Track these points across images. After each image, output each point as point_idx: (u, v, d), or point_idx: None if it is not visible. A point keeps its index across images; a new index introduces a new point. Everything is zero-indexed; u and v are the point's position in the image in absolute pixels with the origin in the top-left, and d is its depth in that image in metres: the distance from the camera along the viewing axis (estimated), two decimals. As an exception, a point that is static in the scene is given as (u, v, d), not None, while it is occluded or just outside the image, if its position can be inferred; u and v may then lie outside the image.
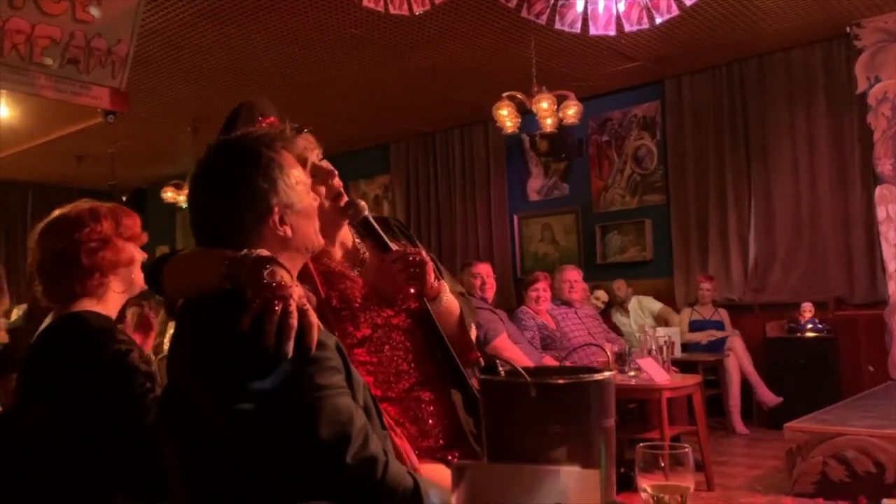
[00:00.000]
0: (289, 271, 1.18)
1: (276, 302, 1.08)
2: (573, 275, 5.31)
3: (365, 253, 1.63)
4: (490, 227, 8.28)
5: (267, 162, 1.25)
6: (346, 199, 1.55)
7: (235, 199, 1.23)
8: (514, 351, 4.10)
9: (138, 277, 1.72)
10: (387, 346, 1.53)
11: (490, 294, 4.67)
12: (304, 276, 1.49)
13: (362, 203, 1.56)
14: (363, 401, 1.17)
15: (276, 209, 1.24)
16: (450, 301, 1.62)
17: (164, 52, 5.81)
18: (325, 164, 1.56)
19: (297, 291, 1.13)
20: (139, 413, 1.55)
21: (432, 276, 1.54)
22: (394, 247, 1.56)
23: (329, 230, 1.55)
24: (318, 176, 1.51)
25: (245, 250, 1.18)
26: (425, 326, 1.59)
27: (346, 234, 1.64)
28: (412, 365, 1.54)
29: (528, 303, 5.02)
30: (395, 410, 1.48)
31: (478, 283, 4.61)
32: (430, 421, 1.52)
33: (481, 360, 1.14)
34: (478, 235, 8.35)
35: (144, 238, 1.78)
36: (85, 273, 1.66)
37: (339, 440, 1.05)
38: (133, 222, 1.76)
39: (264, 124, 1.55)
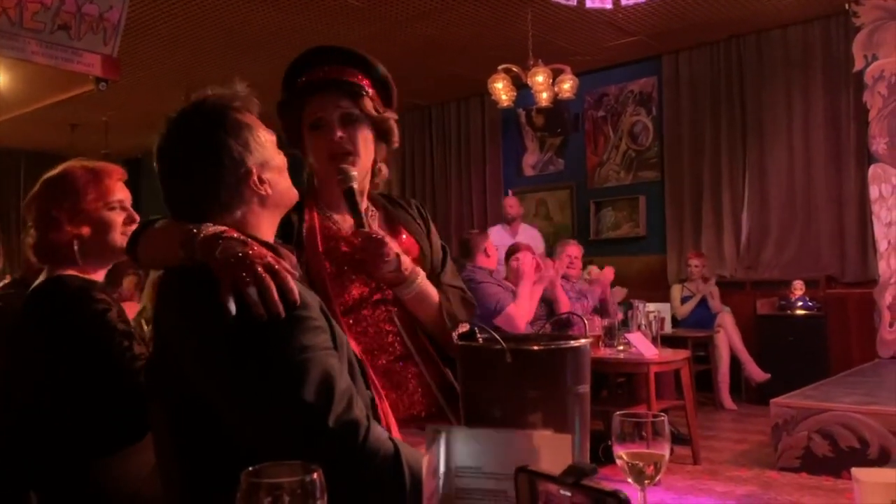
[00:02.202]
0: (241, 239, 1.15)
1: (242, 275, 1.07)
2: (574, 250, 5.27)
3: (377, 227, 1.62)
4: (485, 201, 8.28)
5: (234, 123, 1.25)
6: (342, 159, 1.55)
7: (214, 165, 1.22)
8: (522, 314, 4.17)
9: (120, 240, 1.72)
10: (374, 317, 1.54)
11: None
12: (309, 235, 1.52)
13: (353, 173, 1.54)
14: (347, 359, 1.18)
15: (254, 169, 1.24)
16: (423, 291, 1.57)
17: (157, 19, 5.75)
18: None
19: (258, 252, 1.12)
20: (119, 370, 1.57)
21: (392, 262, 1.50)
22: (379, 230, 1.55)
23: (336, 189, 1.56)
24: (321, 128, 1.56)
25: (194, 229, 1.16)
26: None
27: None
28: (398, 338, 1.55)
29: (509, 273, 5.02)
30: (379, 379, 1.49)
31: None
32: (413, 389, 1.54)
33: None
34: (472, 210, 8.35)
35: (126, 194, 1.77)
36: (69, 237, 1.67)
37: (323, 402, 1.05)
38: (111, 183, 1.75)
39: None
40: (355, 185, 1.53)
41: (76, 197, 1.68)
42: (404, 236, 1.65)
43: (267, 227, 1.28)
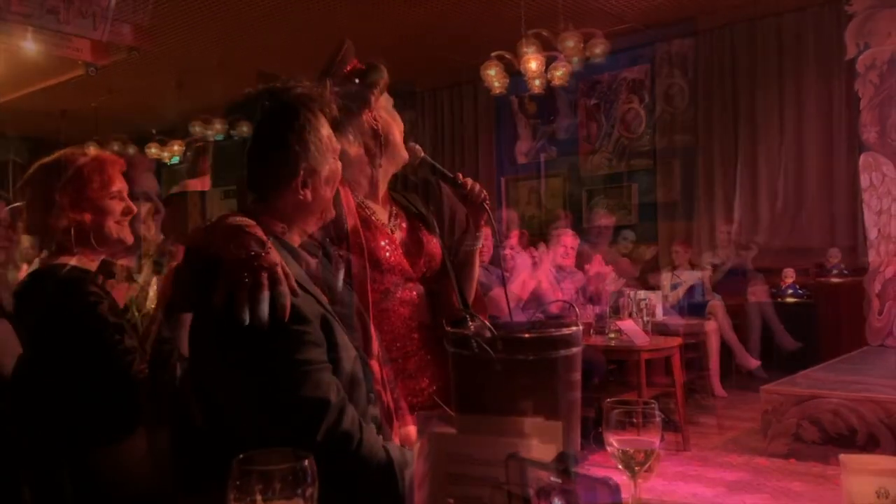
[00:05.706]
0: (260, 238, 1.15)
1: (243, 275, 1.08)
2: (570, 241, 5.25)
3: (401, 222, 1.66)
4: (477, 188, 8.26)
5: (304, 123, 1.25)
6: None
7: (269, 157, 1.26)
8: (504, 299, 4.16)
9: (115, 229, 1.71)
10: (397, 310, 1.56)
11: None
12: (353, 231, 1.52)
13: (417, 146, 1.73)
14: (350, 371, 1.18)
15: (302, 173, 1.24)
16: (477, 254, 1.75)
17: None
18: None
19: (269, 257, 1.12)
20: (109, 363, 1.56)
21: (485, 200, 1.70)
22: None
23: (371, 179, 1.64)
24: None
25: (218, 218, 1.19)
26: (434, 294, 1.63)
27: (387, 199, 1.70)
28: (417, 329, 1.57)
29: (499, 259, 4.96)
30: (393, 369, 1.51)
31: None
32: (425, 380, 1.56)
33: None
34: (465, 197, 8.33)
35: (124, 185, 1.75)
36: (68, 223, 1.66)
37: (313, 418, 1.07)
38: (114, 173, 1.73)
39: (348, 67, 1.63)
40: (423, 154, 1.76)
41: (82, 184, 1.67)
42: (423, 232, 1.67)
43: (304, 223, 1.29)
